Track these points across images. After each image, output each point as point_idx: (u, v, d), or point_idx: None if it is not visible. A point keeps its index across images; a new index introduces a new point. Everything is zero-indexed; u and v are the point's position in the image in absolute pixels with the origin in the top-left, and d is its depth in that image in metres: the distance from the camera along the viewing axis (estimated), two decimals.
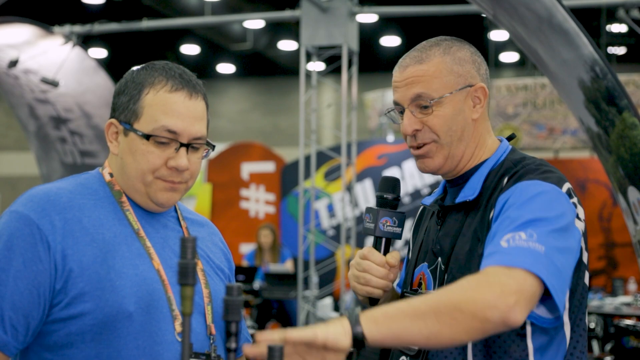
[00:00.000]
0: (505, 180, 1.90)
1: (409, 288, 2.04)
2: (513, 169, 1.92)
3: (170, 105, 1.85)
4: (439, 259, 1.96)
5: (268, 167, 11.93)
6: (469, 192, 1.96)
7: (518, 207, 1.79)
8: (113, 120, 1.90)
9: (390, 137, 12.14)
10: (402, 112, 1.99)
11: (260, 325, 9.27)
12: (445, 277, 1.92)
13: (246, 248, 11.23)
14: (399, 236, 1.99)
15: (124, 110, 1.87)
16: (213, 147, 1.92)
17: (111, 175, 1.92)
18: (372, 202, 10.77)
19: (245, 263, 10.11)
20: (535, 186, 1.82)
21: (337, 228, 10.59)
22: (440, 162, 1.98)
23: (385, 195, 2.00)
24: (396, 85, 2.00)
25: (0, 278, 1.73)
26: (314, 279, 8.72)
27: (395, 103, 2.01)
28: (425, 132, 1.96)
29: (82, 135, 9.20)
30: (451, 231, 1.96)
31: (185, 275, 1.25)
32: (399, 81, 1.98)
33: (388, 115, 2.06)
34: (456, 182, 2.03)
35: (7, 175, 17.84)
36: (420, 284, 2.01)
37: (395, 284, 2.15)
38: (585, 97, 5.19)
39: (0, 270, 1.74)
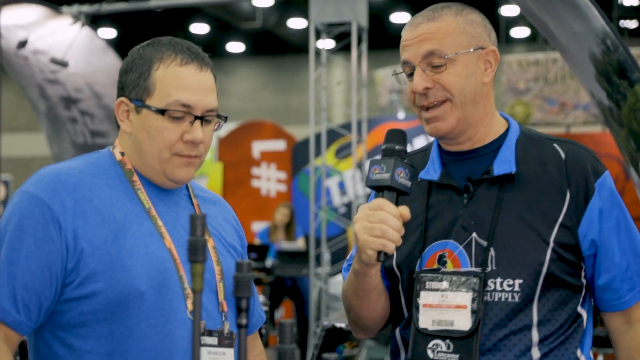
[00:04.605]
0: (566, 158, 1.92)
1: (416, 267, 1.94)
2: (567, 148, 1.95)
3: (182, 79, 1.84)
4: (474, 234, 1.89)
5: (279, 145, 11.91)
6: (506, 165, 1.92)
7: (625, 228, 1.93)
8: (123, 98, 1.89)
9: (401, 114, 12.10)
10: (411, 74, 1.93)
11: (273, 302, 9.29)
12: (492, 252, 1.87)
13: (258, 226, 11.25)
14: (409, 190, 1.84)
15: (135, 87, 1.86)
16: (225, 118, 1.92)
17: (122, 154, 1.91)
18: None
19: (257, 241, 10.13)
20: (610, 180, 1.92)
21: (349, 205, 10.58)
22: (453, 124, 1.92)
23: (396, 147, 1.85)
24: (406, 44, 1.93)
25: (12, 258, 1.74)
26: (326, 256, 8.73)
27: (405, 62, 1.94)
28: (437, 90, 1.90)
29: (92, 115, 9.21)
30: (487, 205, 1.90)
31: (195, 253, 1.25)
32: (410, 39, 1.93)
33: (396, 77, 1.99)
34: (473, 153, 1.97)
35: (19, 156, 17.89)
36: (443, 263, 1.91)
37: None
38: (596, 71, 5.15)
39: (12, 250, 1.74)
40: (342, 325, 3.90)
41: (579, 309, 1.92)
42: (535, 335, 1.85)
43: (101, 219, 1.79)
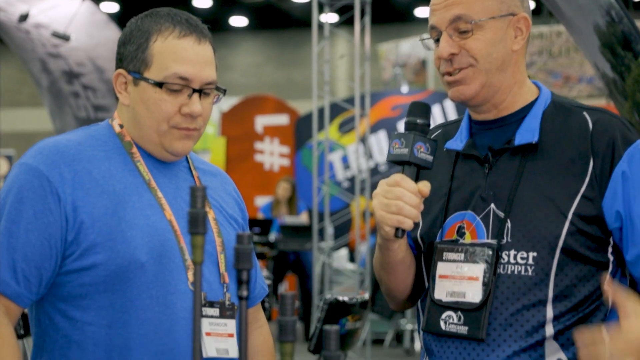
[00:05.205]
0: (594, 127, 1.83)
1: (437, 238, 1.91)
2: (597, 116, 1.85)
3: (180, 52, 1.83)
4: (492, 205, 1.84)
5: (282, 119, 11.90)
6: (529, 134, 1.86)
7: None
8: (121, 70, 1.88)
9: (405, 88, 12.06)
10: (438, 40, 1.88)
11: (277, 276, 9.32)
12: (509, 224, 1.82)
13: (261, 201, 11.26)
14: (430, 165, 1.81)
15: (132, 59, 1.85)
16: (224, 91, 1.90)
17: (121, 126, 1.90)
18: (386, 154, 10.74)
19: (260, 215, 10.14)
20: None
21: (352, 180, 10.57)
22: (476, 89, 1.86)
23: (418, 120, 1.82)
24: (434, 9, 1.89)
25: (11, 230, 1.73)
26: (329, 230, 8.74)
27: (432, 27, 1.89)
28: (462, 56, 1.85)
29: (95, 89, 9.19)
30: (508, 176, 1.85)
31: (196, 224, 1.25)
32: (438, 3, 1.88)
33: (423, 43, 1.94)
34: (499, 122, 1.91)
35: (22, 131, 17.88)
36: (462, 234, 1.87)
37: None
38: (600, 43, 5.12)
39: (11, 222, 1.74)
40: (345, 298, 3.91)
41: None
42: (549, 311, 1.78)
43: (100, 191, 1.78)
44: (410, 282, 2.01)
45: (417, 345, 9.02)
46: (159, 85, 1.82)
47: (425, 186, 1.80)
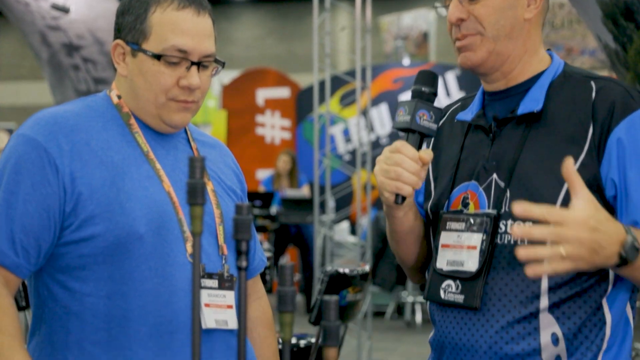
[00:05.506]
0: (596, 95, 1.79)
1: (444, 208, 1.91)
2: (601, 84, 1.82)
3: (179, 24, 1.81)
4: (494, 175, 1.84)
5: (283, 92, 11.87)
6: (533, 103, 1.84)
7: None
8: (119, 41, 1.86)
9: (406, 61, 12.01)
10: (447, 7, 1.88)
11: (278, 249, 9.33)
12: (508, 194, 1.80)
13: (263, 174, 11.25)
14: (434, 133, 1.83)
15: (131, 30, 1.83)
16: (223, 64, 1.89)
17: (119, 97, 1.89)
18: (388, 127, 10.72)
19: (262, 189, 10.14)
20: None
21: (353, 153, 10.56)
22: (483, 56, 1.85)
23: (423, 88, 1.82)
24: None
25: (9, 201, 1.73)
26: (330, 203, 8.74)
27: None
28: (470, 22, 1.84)
29: (95, 62, 9.16)
30: (510, 145, 1.83)
31: (194, 195, 1.24)
32: None
33: (436, 10, 1.94)
34: (508, 92, 1.90)
35: (23, 104, 17.85)
36: (466, 204, 1.87)
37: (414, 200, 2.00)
38: (603, 13, 5.09)
39: (9, 193, 1.73)
40: (346, 270, 3.91)
41: None
42: (544, 282, 1.77)
43: (99, 162, 1.78)
44: (420, 253, 2.02)
45: (418, 317, 9.06)
46: (157, 57, 1.81)
47: (426, 154, 1.80)
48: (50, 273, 1.78)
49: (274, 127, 11.85)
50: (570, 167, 1.54)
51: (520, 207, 1.48)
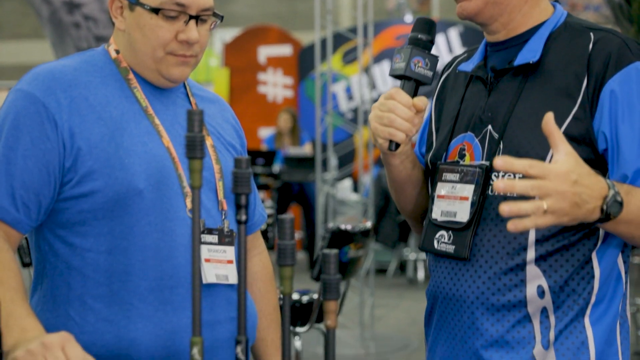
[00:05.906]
0: (593, 47, 1.76)
1: (442, 159, 1.91)
2: (600, 35, 1.78)
3: None
4: (489, 126, 1.83)
5: (285, 50, 11.79)
6: (530, 54, 1.81)
7: None
8: None
9: (409, 18, 11.91)
10: None
11: (281, 207, 9.35)
12: (501, 145, 1.79)
13: (265, 132, 11.23)
14: (429, 80, 1.81)
15: None
16: (221, 18, 1.87)
17: (117, 52, 1.88)
18: (390, 84, 10.67)
19: (264, 147, 10.13)
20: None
21: (355, 110, 10.52)
22: (479, 5, 1.82)
23: (420, 36, 1.81)
24: None
25: (9, 157, 1.72)
26: (333, 161, 8.72)
27: None
28: None
29: (96, 20, 9.09)
30: (506, 97, 1.83)
31: (193, 149, 1.23)
32: None
33: None
34: (507, 43, 1.88)
35: (25, 63, 17.76)
36: (463, 156, 1.87)
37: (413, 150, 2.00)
38: None
39: (8, 149, 1.73)
40: (348, 227, 3.92)
41: None
42: (532, 234, 1.77)
43: (97, 117, 1.77)
44: (419, 202, 2.03)
45: (421, 274, 9.10)
46: (155, 11, 1.79)
47: (420, 101, 1.80)
48: (51, 228, 1.79)
49: (276, 85, 11.80)
50: (550, 121, 1.52)
51: (502, 161, 1.46)
